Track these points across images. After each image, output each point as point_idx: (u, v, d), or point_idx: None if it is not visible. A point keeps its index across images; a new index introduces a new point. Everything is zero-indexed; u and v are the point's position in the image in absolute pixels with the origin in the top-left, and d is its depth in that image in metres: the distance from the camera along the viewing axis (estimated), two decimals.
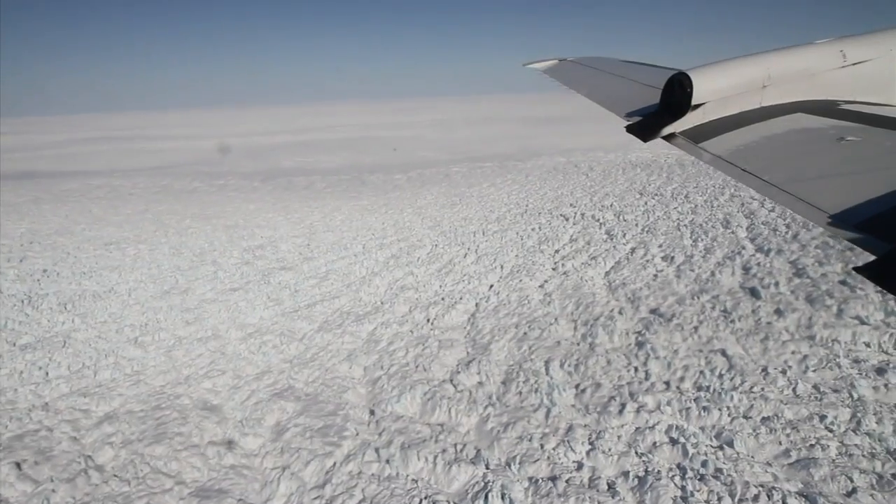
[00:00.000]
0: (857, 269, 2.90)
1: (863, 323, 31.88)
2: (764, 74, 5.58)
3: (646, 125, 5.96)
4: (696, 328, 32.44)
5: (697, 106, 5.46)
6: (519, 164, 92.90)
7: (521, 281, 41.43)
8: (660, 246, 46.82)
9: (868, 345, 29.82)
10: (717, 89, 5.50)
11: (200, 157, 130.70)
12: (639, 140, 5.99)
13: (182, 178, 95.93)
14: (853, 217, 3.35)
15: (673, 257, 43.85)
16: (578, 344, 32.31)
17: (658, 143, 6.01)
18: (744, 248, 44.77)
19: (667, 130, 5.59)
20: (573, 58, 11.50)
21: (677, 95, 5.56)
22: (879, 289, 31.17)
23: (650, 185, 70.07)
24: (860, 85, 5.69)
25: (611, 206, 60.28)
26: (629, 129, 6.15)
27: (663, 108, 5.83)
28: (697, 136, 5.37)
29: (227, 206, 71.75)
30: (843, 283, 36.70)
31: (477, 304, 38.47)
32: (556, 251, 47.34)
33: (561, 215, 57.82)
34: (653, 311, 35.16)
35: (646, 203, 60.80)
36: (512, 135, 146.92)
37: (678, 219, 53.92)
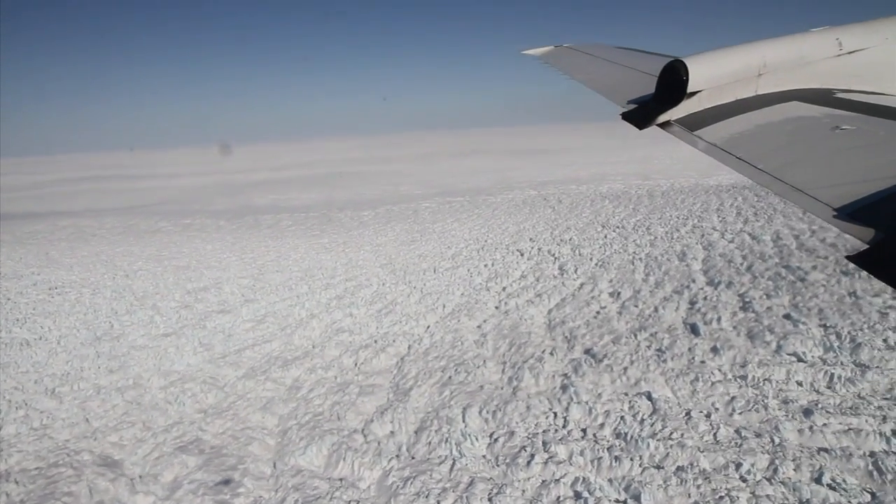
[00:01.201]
0: (849, 257, 2.89)
1: (800, 360, 30.59)
2: (759, 62, 5.56)
3: (641, 113, 5.89)
4: (625, 369, 31.04)
5: (693, 94, 5.42)
6: (490, 198, 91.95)
7: (459, 321, 40.06)
8: (610, 281, 45.58)
9: (800, 384, 28.49)
10: (712, 77, 5.47)
11: (175, 196, 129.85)
12: (635, 127, 5.91)
13: (150, 218, 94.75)
14: (846, 205, 3.31)
15: (620, 293, 42.59)
16: (502, 388, 30.86)
17: (657, 133, 5.80)
18: (694, 281, 43.61)
19: (662, 118, 5.54)
20: (569, 44, 11.38)
21: (673, 83, 5.49)
22: (823, 322, 29.92)
23: (614, 217, 69.06)
24: (855, 73, 5.66)
25: (570, 240, 59.13)
26: (625, 116, 6.08)
27: (659, 96, 5.74)
28: (693, 123, 5.34)
29: (184, 246, 70.51)
30: (786, 317, 35.52)
31: (409, 347, 37.06)
32: (504, 288, 46.04)
33: (517, 250, 56.64)
34: (587, 352, 33.78)
35: (605, 236, 59.69)
36: (492, 168, 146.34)
37: (634, 252, 52.75)
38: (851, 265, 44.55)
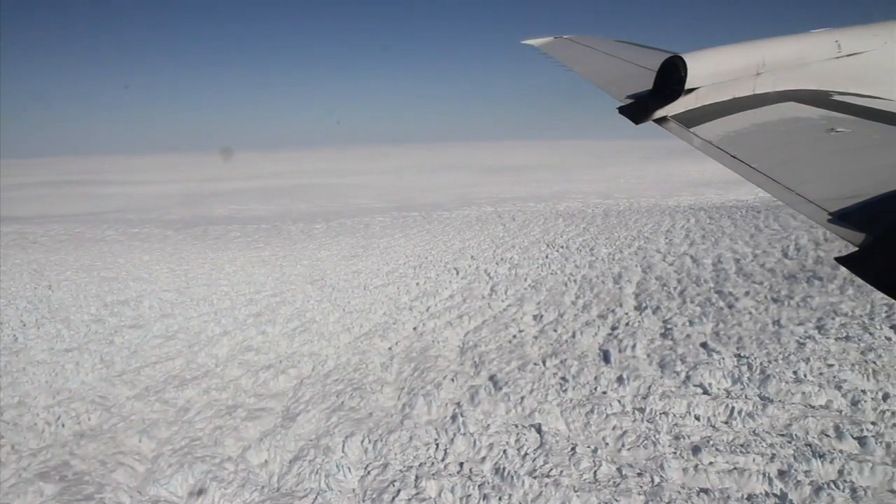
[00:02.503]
0: (838, 259, 2.90)
1: (705, 392, 29.49)
2: (758, 61, 5.51)
3: (638, 107, 5.81)
4: (523, 398, 29.73)
5: (691, 90, 5.36)
6: (445, 213, 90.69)
7: (371, 342, 38.62)
8: (537, 303, 44.35)
9: (698, 418, 27.35)
10: (711, 74, 5.42)
11: (138, 204, 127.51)
12: (631, 121, 5.74)
13: (99, 226, 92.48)
14: (837, 207, 3.31)
15: (543, 316, 41.37)
16: (392, 416, 29.43)
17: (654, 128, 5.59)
18: (622, 305, 42.54)
19: (659, 114, 5.46)
20: (569, 35, 11.20)
21: (671, 78, 5.45)
22: (739, 352, 28.74)
23: (562, 236, 67.95)
24: (853, 76, 5.59)
25: (510, 259, 57.91)
26: (621, 110, 5.99)
27: (656, 91, 5.68)
28: (689, 120, 5.28)
29: (121, 256, 68.51)
30: (703, 345, 34.50)
31: (313, 368, 35.59)
32: (428, 308, 44.65)
33: (454, 268, 55.31)
34: (491, 378, 32.44)
35: (547, 256, 58.56)
36: (459, 183, 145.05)
37: (571, 273, 51.63)
38: (783, 292, 43.88)
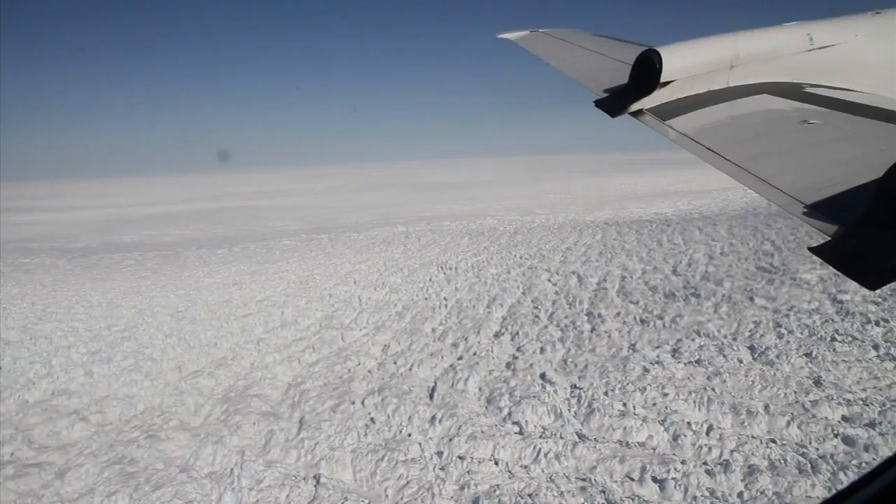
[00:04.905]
0: (811, 249, 2.98)
1: (519, 431, 27.10)
2: (732, 54, 5.50)
3: (614, 101, 5.77)
4: (317, 444, 26.98)
5: (666, 83, 5.37)
6: (354, 235, 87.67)
7: (197, 381, 35.55)
8: (395, 332, 41.96)
9: (498, 462, 25.15)
10: (686, 67, 5.40)
11: (50, 232, 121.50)
12: (607, 115, 5.64)
13: None
14: (811, 199, 3.37)
15: (390, 346, 38.78)
16: (171, 468, 26.36)
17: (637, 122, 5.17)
18: (480, 331, 40.41)
19: (635, 107, 5.45)
20: (545, 29, 10.93)
21: (647, 72, 5.40)
22: (577, 382, 26.21)
23: (457, 256, 65.57)
24: (825, 69, 5.62)
25: (390, 283, 55.26)
26: (598, 104, 5.90)
27: (632, 84, 5.61)
28: (665, 113, 5.28)
29: None
30: (542, 375, 32.25)
31: (120, 414, 32.41)
32: (277, 341, 41.66)
33: (329, 295, 52.62)
34: (300, 420, 29.61)
35: (430, 278, 56.19)
36: (386, 202, 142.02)
37: (447, 297, 49.46)
38: (655, 312, 41.90)
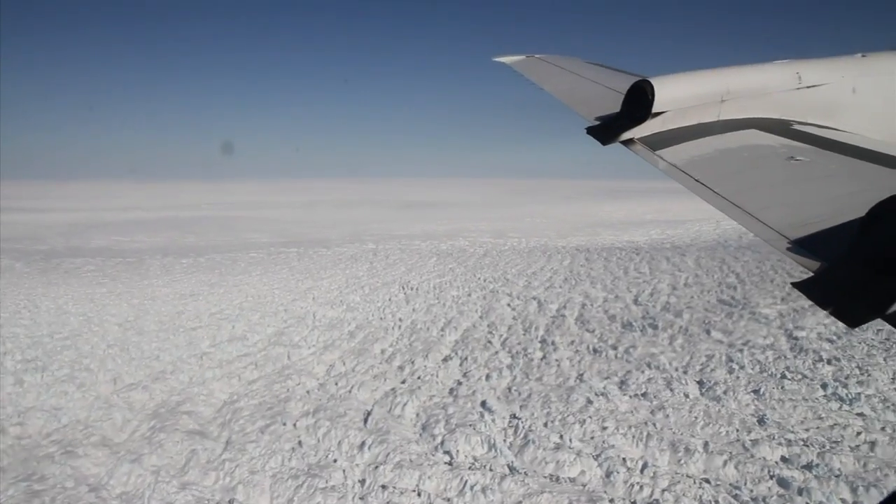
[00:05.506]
0: (794, 284, 3.01)
1: (449, 462, 26.11)
2: (723, 89, 5.56)
3: (606, 129, 5.81)
4: (237, 466, 25.82)
5: (658, 114, 5.40)
6: (323, 250, 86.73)
7: (130, 395, 34.42)
8: (343, 352, 40.99)
9: (420, 494, 24.03)
10: (677, 99, 5.44)
11: (21, 234, 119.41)
12: (598, 143, 5.67)
13: None
14: (796, 234, 3.41)
15: (335, 366, 37.73)
16: (82, 487, 25.18)
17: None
18: (428, 355, 39.56)
19: (626, 136, 5.50)
20: (540, 55, 10.84)
21: (639, 102, 5.45)
22: (517, 412, 25.40)
23: (421, 276, 64.99)
24: (812, 107, 5.70)
25: (348, 301, 54.45)
26: (589, 131, 5.91)
27: (624, 113, 5.67)
28: (655, 143, 5.34)
29: None
30: (483, 403, 31.26)
31: (42, 427, 31.16)
32: (221, 357, 40.55)
33: (285, 310, 51.57)
34: (226, 441, 28.47)
35: (391, 298, 55.55)
36: (362, 219, 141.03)
37: (402, 318, 48.75)
38: (610, 341, 41.28)
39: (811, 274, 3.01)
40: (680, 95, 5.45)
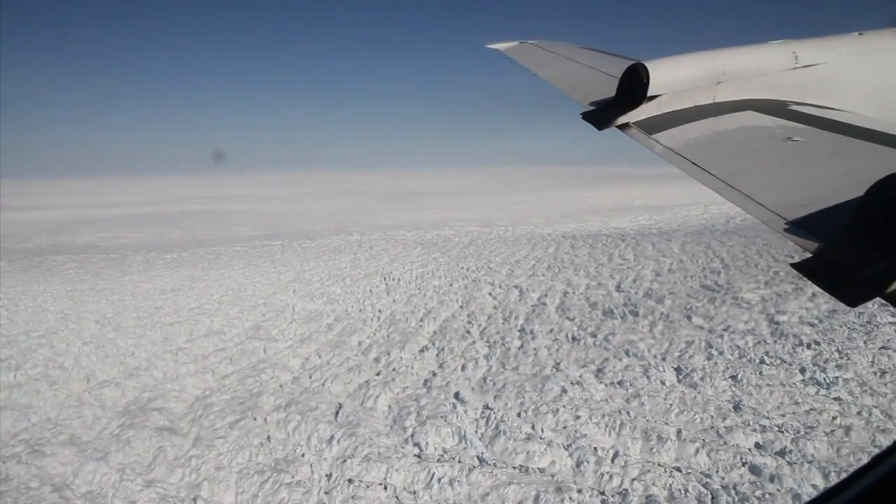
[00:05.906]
0: (792, 265, 3.00)
1: (418, 454, 25.79)
2: (718, 70, 5.54)
3: (601, 113, 5.79)
4: (203, 463, 25.45)
5: (653, 97, 5.39)
6: (308, 242, 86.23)
7: (101, 392, 34.12)
8: (320, 344, 40.63)
9: (387, 487, 23.74)
10: (672, 82, 5.41)
11: (4, 231, 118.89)
12: (594, 127, 5.63)
13: None
14: (793, 215, 3.39)
15: (310, 359, 37.39)
16: (45, 487, 24.81)
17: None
18: (405, 347, 39.21)
19: (621, 120, 5.46)
20: (534, 41, 10.85)
21: (634, 85, 5.44)
22: (490, 402, 25.08)
23: (404, 266, 64.60)
24: (809, 87, 5.67)
25: (328, 294, 54.10)
26: (585, 116, 5.87)
27: (619, 98, 5.66)
28: (651, 127, 5.31)
29: None
30: (456, 395, 30.96)
31: (12, 425, 30.72)
32: (196, 352, 40.12)
33: (264, 304, 51.10)
34: (195, 438, 28.13)
35: (371, 289, 55.06)
36: (349, 210, 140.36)
37: (382, 308, 48.46)
38: (589, 329, 41.03)
39: (809, 255, 3.00)
40: (675, 78, 5.44)
